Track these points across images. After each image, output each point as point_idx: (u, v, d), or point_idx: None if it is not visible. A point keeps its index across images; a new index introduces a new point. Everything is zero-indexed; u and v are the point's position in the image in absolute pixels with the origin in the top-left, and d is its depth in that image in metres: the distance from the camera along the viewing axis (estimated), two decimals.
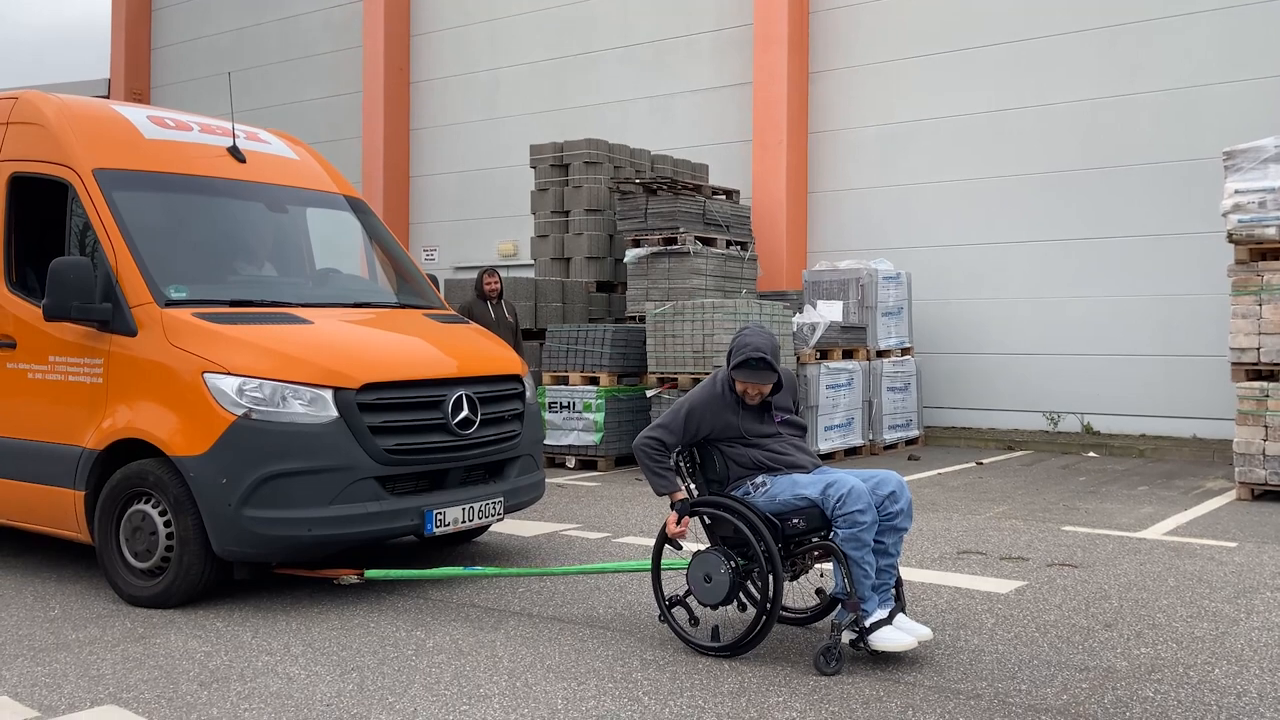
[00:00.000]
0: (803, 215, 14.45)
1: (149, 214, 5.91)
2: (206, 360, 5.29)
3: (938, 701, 4.07)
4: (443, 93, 18.11)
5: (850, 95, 14.11)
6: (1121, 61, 12.21)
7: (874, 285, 12.03)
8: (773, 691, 4.18)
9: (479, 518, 5.85)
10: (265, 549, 5.29)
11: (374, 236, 7.13)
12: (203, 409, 5.23)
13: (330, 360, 5.44)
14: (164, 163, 6.17)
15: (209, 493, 5.16)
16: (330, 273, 6.92)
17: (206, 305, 5.65)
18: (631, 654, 4.66)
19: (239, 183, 6.44)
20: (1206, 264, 11.18)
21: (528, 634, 4.96)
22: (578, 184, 12.78)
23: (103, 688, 4.23)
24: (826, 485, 4.47)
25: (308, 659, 4.59)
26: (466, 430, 5.75)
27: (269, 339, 5.47)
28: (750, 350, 4.61)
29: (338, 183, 7.20)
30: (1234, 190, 8.85)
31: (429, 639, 4.88)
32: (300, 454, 5.21)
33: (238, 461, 5.15)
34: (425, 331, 6.34)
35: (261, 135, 6.99)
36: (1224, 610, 5.33)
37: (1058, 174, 12.63)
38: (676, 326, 10.22)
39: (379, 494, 5.41)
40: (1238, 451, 8.67)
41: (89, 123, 6.11)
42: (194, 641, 4.83)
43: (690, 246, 11.24)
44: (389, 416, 5.48)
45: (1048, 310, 12.74)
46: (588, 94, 16.24)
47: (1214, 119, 11.53)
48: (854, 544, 4.39)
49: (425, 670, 4.44)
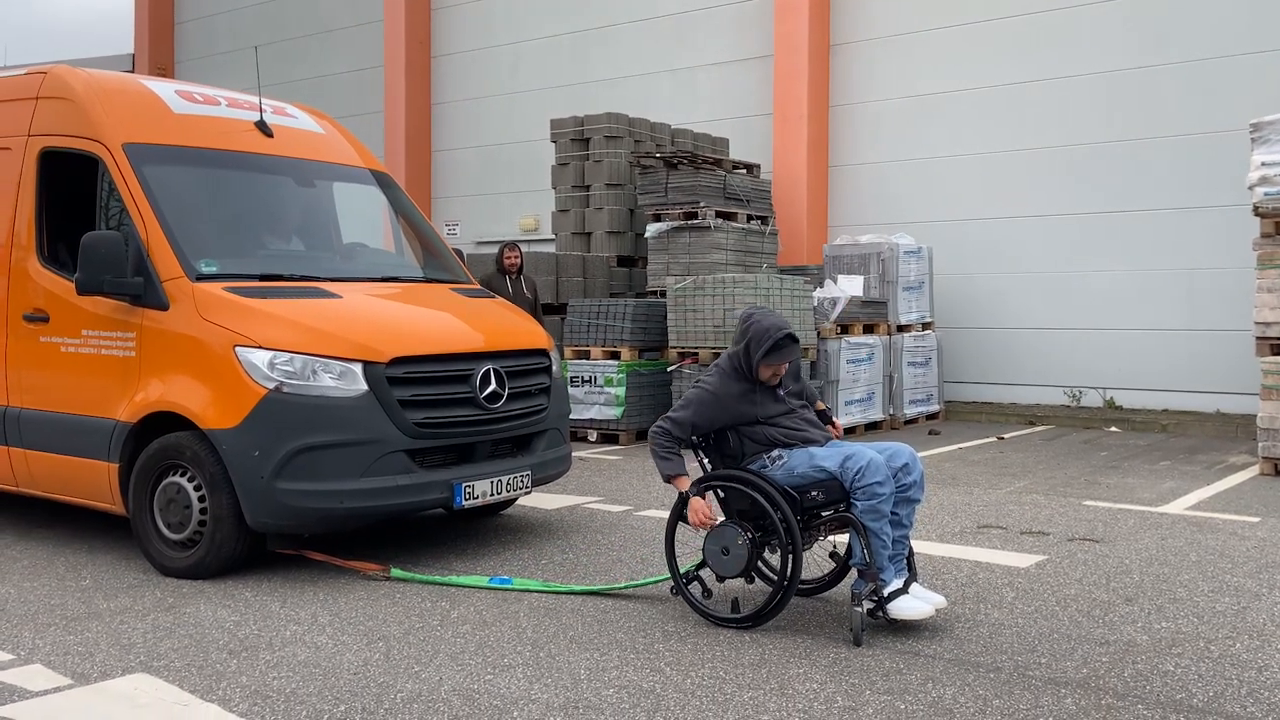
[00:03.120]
0: (823, 189, 14.35)
1: (178, 188, 5.93)
2: (238, 334, 5.32)
3: (958, 674, 4.07)
4: (464, 67, 18.05)
5: (871, 68, 13.96)
6: (1145, 32, 12.03)
7: (895, 260, 11.95)
8: (793, 663, 4.20)
9: (507, 491, 5.87)
10: (298, 520, 5.33)
11: (400, 211, 7.13)
12: (235, 382, 5.26)
13: (360, 334, 5.46)
14: (193, 137, 6.17)
15: (242, 465, 5.20)
16: (357, 247, 6.93)
17: (237, 280, 5.67)
18: (654, 626, 4.68)
19: (267, 157, 6.44)
20: (1231, 237, 11.04)
21: (551, 605, 4.99)
22: (598, 158, 12.74)
23: (134, 656, 4.30)
24: (845, 458, 4.49)
25: (335, 629, 4.64)
26: (494, 404, 5.77)
27: (299, 313, 5.50)
28: (776, 332, 4.61)
29: (364, 157, 7.20)
30: (1261, 163, 8.72)
31: (453, 610, 4.92)
32: (331, 427, 5.24)
33: (270, 434, 5.18)
34: (452, 306, 6.35)
35: (289, 110, 6.99)
36: (1246, 585, 5.30)
37: (1080, 147, 12.47)
38: (697, 301, 10.20)
39: (409, 467, 5.44)
40: (1261, 427, 8.60)
41: (118, 97, 6.12)
42: (223, 611, 4.90)
43: (711, 221, 11.19)
44: (418, 390, 5.50)
45: (1070, 284, 12.62)
46: (608, 68, 16.15)
47: (1240, 90, 11.34)
48: (873, 515, 4.42)
49: (450, 641, 4.48)
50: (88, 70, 6.33)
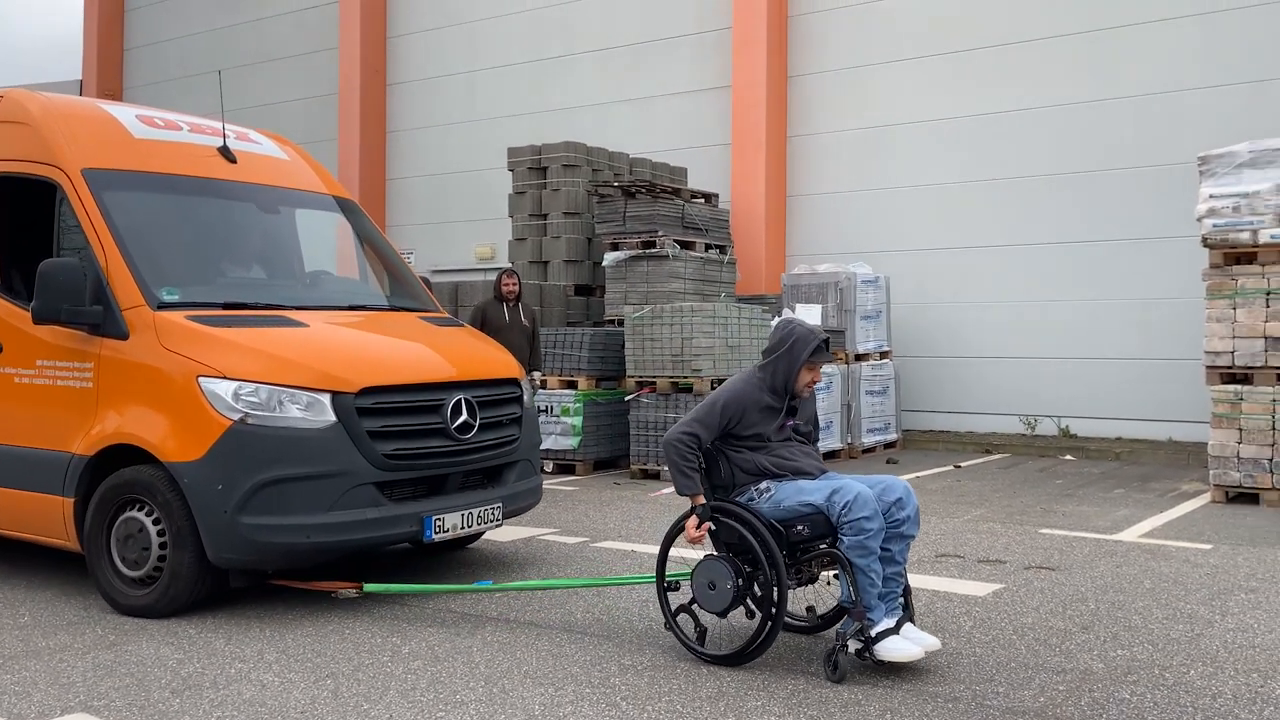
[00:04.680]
0: (781, 218, 14.50)
1: (139, 215, 5.83)
2: (201, 364, 5.22)
3: (915, 704, 4.08)
4: (420, 95, 18.06)
5: (828, 99, 14.17)
6: (1100, 66, 12.33)
7: (852, 289, 12.08)
8: (751, 695, 4.19)
9: (478, 523, 5.78)
10: (262, 556, 5.21)
11: (365, 238, 7.07)
12: (197, 414, 5.15)
13: (327, 364, 5.38)
14: (154, 163, 6.08)
15: (204, 499, 5.08)
16: (322, 275, 6.86)
17: (200, 308, 5.56)
18: (609, 659, 4.65)
19: (230, 183, 6.36)
20: (1182, 268, 11.30)
21: (505, 639, 4.94)
22: (556, 187, 12.78)
23: (73, 695, 4.19)
24: (832, 491, 4.39)
25: (282, 666, 4.56)
26: (465, 435, 5.70)
27: (264, 342, 5.41)
28: (818, 334, 4.60)
29: (328, 184, 7.13)
30: (1209, 195, 8.95)
31: (405, 645, 4.85)
32: (298, 459, 5.14)
33: (234, 467, 5.07)
34: (421, 334, 6.29)
35: (251, 135, 6.93)
36: (1199, 612, 5.38)
37: (1036, 178, 12.73)
38: (655, 330, 10.23)
39: (377, 500, 5.35)
40: (1212, 454, 8.77)
41: (76, 122, 6.03)
42: (166, 648, 4.79)
43: (669, 250, 11.25)
44: (387, 421, 5.41)
45: (1025, 314, 12.83)
46: (566, 96, 16.24)
47: (1190, 124, 11.66)
48: (860, 551, 4.30)
49: (401, 677, 4.42)
50: (45, 94, 6.24)
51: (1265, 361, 8.62)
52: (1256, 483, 8.56)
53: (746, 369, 4.81)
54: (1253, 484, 8.58)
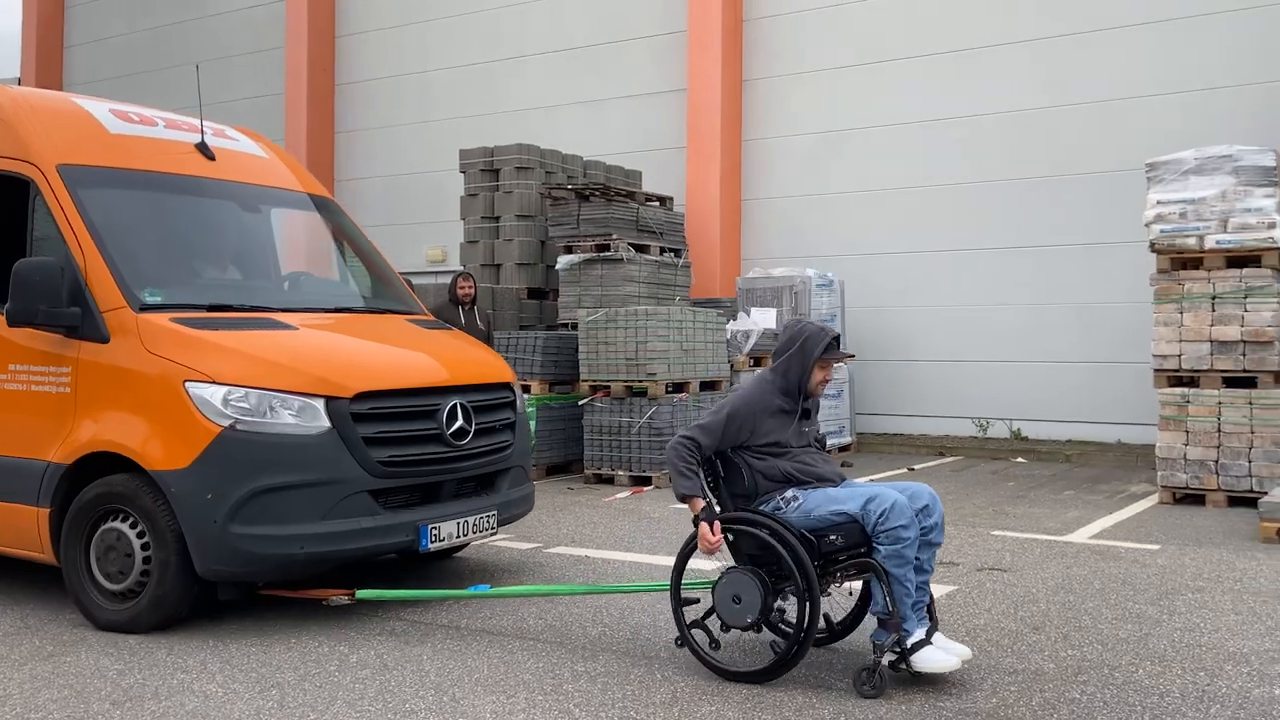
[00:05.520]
0: (736, 222, 14.56)
1: (118, 213, 5.66)
2: (188, 368, 5.06)
3: (870, 707, 4.11)
4: (369, 95, 17.91)
5: (783, 103, 14.27)
6: (1051, 74, 12.53)
7: (807, 292, 12.16)
8: (705, 701, 4.19)
9: (473, 532, 5.66)
10: (254, 568, 5.06)
11: (349, 238, 6.94)
12: (185, 420, 4.99)
13: (321, 368, 5.26)
14: (131, 159, 5.91)
15: (193, 509, 4.92)
16: (308, 276, 6.73)
17: (184, 310, 5.39)
18: (562, 665, 4.63)
19: (210, 181, 6.20)
20: (1131, 273, 11.49)
21: (455, 647, 4.90)
22: (509, 189, 12.72)
23: (9, 709, 4.08)
24: (867, 500, 4.29)
25: (225, 676, 4.48)
26: (461, 441, 5.58)
27: (253, 345, 5.26)
28: (829, 332, 4.55)
29: (307, 182, 6.98)
30: (1156, 201, 9.13)
31: (352, 654, 4.80)
32: (291, 467, 5.00)
33: (224, 475, 4.93)
34: (412, 337, 6.20)
35: (228, 132, 6.77)
36: (1147, 612, 5.48)
37: (989, 183, 12.91)
38: (610, 334, 10.22)
39: (373, 508, 5.21)
40: (1160, 456, 8.94)
41: (50, 116, 5.85)
42: (106, 659, 4.69)
43: (623, 253, 11.25)
44: (383, 427, 5.28)
45: (978, 317, 13.00)
46: (520, 98, 16.19)
47: (1139, 131, 11.87)
48: (897, 561, 4.22)
49: (348, 686, 4.37)
50: (15, 87, 6.06)
51: (1211, 365, 8.81)
52: (1203, 484, 8.74)
53: (757, 374, 4.67)
54: (1199, 485, 8.76)
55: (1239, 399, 8.65)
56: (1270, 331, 8.60)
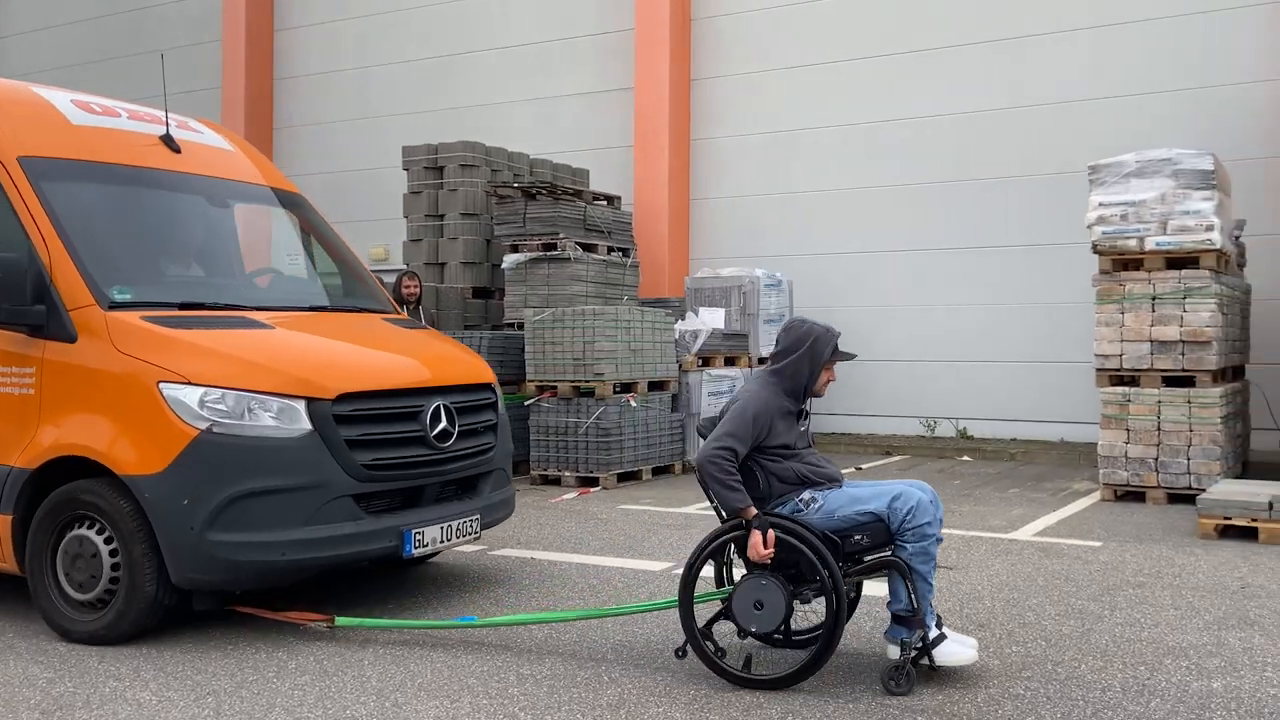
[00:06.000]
0: (685, 222, 14.60)
1: (83, 207, 5.48)
2: (162, 369, 4.90)
3: (817, 705, 4.14)
4: (310, 90, 17.68)
5: (732, 103, 14.34)
6: (999, 76, 12.73)
7: (756, 292, 12.23)
8: (652, 702, 4.19)
9: (456, 537, 5.54)
10: (233, 576, 4.91)
11: (319, 235, 6.80)
12: (159, 422, 4.84)
13: (301, 368, 5.13)
14: (95, 151, 5.73)
15: (168, 515, 4.77)
16: (280, 274, 6.58)
17: (155, 308, 5.23)
18: (507, 669, 4.61)
19: (177, 174, 6.04)
20: (1074, 274, 11.72)
21: (398, 652, 4.85)
22: (453, 187, 12.64)
23: None
24: (893, 498, 4.31)
25: (159, 683, 4.39)
26: (445, 443, 5.47)
27: (230, 345, 5.12)
28: (834, 331, 4.56)
29: (274, 177, 6.83)
30: (1098, 203, 9.32)
31: (291, 660, 4.73)
32: (272, 471, 4.87)
33: (202, 480, 4.78)
34: (391, 337, 6.09)
35: (192, 124, 6.61)
36: (1089, 608, 5.58)
37: (936, 184, 13.08)
38: (556, 334, 10.20)
39: (355, 513, 5.08)
40: (1101, 454, 9.12)
41: (9, 106, 5.66)
42: (35, 667, 4.57)
43: (570, 252, 11.23)
44: (366, 429, 5.16)
45: (925, 318, 13.17)
46: (465, 95, 16.09)
47: (1083, 134, 12.11)
48: (922, 558, 4.27)
49: (287, 693, 4.30)
50: None
51: (1151, 364, 9.00)
52: (1143, 481, 8.93)
53: (757, 376, 4.65)
54: (1139, 482, 8.95)
55: (1178, 398, 8.86)
56: (1208, 332, 8.82)
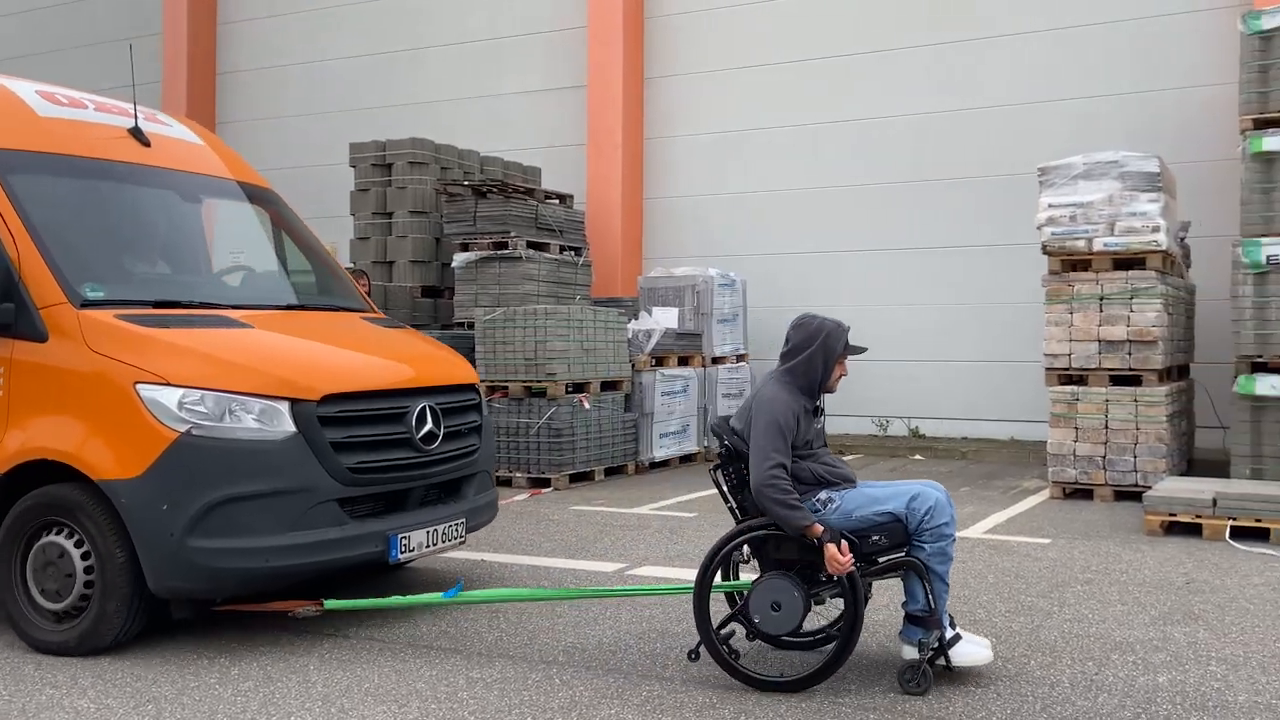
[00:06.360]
0: (638, 221, 14.61)
1: (53, 202, 5.34)
2: (139, 369, 4.77)
3: (770, 704, 4.16)
4: (254, 85, 17.44)
5: (685, 102, 14.37)
6: (951, 78, 12.88)
7: (709, 292, 12.27)
8: (605, 704, 4.19)
9: (442, 541, 5.45)
10: (214, 584, 4.80)
11: (293, 231, 6.68)
12: (137, 425, 4.71)
13: (283, 369, 5.03)
14: (63, 144, 5.56)
15: (146, 521, 4.64)
16: (255, 271, 6.44)
17: (129, 306, 5.10)
18: (457, 672, 4.57)
19: (148, 168, 5.90)
20: (1024, 274, 11.88)
21: (344, 656, 4.80)
22: (402, 184, 12.54)
23: None
24: (911, 498, 4.30)
25: (98, 691, 4.31)
26: (430, 445, 5.39)
27: (210, 345, 5.01)
28: (844, 325, 4.53)
29: (245, 172, 6.69)
30: (1048, 204, 9.48)
31: (234, 666, 4.66)
32: (255, 475, 4.75)
33: (181, 485, 4.65)
34: (372, 336, 6.00)
35: (160, 117, 6.45)
36: (1038, 604, 5.67)
37: (889, 185, 13.21)
38: (508, 333, 10.15)
39: (340, 518, 4.98)
40: (1051, 452, 9.27)
41: None
42: None
43: (522, 251, 11.19)
44: (352, 431, 5.06)
45: (878, 317, 13.27)
46: (414, 91, 15.96)
47: (1032, 136, 12.27)
48: (940, 559, 4.27)
49: (230, 700, 4.24)
50: None
51: (1099, 364, 9.17)
52: (1091, 479, 9.10)
53: (771, 376, 4.58)
54: (1088, 480, 9.11)
55: (1125, 397, 9.03)
56: (1154, 331, 9.00)
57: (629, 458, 10.94)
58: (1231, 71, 10.04)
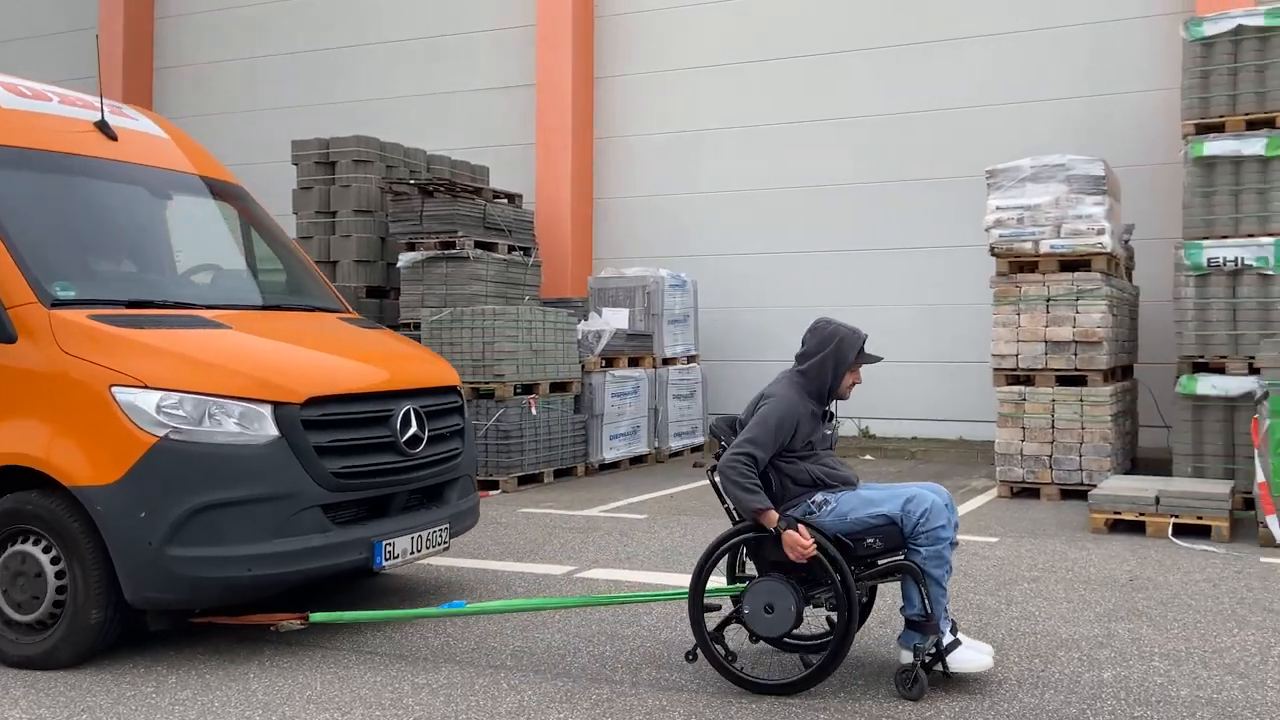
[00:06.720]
0: (588, 221, 14.60)
1: (20, 198, 5.18)
2: (115, 371, 4.64)
3: (720, 707, 4.17)
4: (193, 81, 17.18)
5: (636, 102, 14.39)
6: (901, 81, 13.02)
7: (660, 292, 12.30)
8: (553, 709, 4.17)
9: (427, 547, 5.38)
10: (194, 594, 4.67)
11: (265, 229, 6.53)
12: (113, 429, 4.58)
13: (265, 371, 4.93)
14: (29, 137, 5.39)
15: (123, 530, 4.51)
16: (229, 270, 6.30)
17: (102, 306, 4.98)
18: (402, 679, 4.54)
19: (116, 163, 5.75)
20: (973, 276, 12.07)
21: (286, 663, 4.74)
22: (346, 183, 12.41)
23: None
24: (906, 500, 4.30)
25: (30, 701, 4.21)
26: (415, 449, 5.31)
27: (188, 346, 4.89)
28: (860, 334, 4.54)
29: (213, 167, 6.53)
30: (995, 206, 9.63)
31: (171, 674, 4.58)
32: (237, 481, 4.64)
33: (160, 491, 4.53)
34: (352, 338, 5.89)
35: (125, 110, 6.29)
36: (986, 602, 5.75)
37: (840, 187, 13.33)
38: (455, 334, 10.09)
39: (324, 525, 4.88)
40: (998, 452, 9.42)
41: None
42: None
43: (469, 251, 11.13)
44: (336, 435, 4.96)
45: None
46: (358, 89, 15.82)
47: (980, 138, 12.47)
48: (936, 562, 4.26)
49: (167, 709, 4.16)
50: None
51: (1045, 364, 9.33)
52: (1038, 478, 9.25)
53: (784, 375, 4.62)
54: (1034, 479, 9.27)
55: (1071, 396, 9.19)
56: (1099, 332, 9.17)
57: (578, 459, 10.92)
58: (1175, 77, 10.30)
